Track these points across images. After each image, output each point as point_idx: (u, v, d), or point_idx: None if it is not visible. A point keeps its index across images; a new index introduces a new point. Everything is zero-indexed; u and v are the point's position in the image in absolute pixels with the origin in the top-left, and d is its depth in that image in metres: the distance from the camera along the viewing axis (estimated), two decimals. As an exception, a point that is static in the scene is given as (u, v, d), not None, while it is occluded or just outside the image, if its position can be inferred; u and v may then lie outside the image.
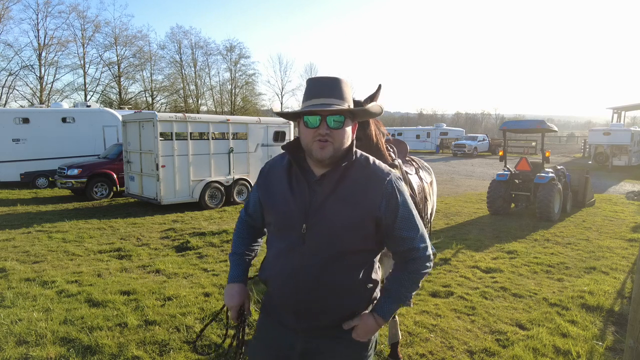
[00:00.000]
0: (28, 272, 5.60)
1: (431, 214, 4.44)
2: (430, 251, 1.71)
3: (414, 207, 1.70)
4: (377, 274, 1.74)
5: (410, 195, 3.58)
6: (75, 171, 11.81)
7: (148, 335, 3.84)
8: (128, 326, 4.00)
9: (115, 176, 12.27)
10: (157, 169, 9.96)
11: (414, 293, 1.72)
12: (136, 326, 4.02)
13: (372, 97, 2.67)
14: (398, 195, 1.63)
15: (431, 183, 4.57)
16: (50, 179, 14.13)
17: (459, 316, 4.39)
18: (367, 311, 1.68)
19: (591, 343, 3.81)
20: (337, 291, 1.60)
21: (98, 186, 12.15)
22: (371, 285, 1.69)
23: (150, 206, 10.67)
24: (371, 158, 1.70)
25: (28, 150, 14.14)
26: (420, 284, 1.72)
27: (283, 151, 1.76)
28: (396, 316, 3.52)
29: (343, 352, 1.67)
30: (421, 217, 3.72)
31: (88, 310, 4.38)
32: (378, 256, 1.75)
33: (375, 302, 1.70)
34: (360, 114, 1.70)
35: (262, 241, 1.98)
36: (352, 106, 1.64)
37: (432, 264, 1.72)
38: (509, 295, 4.99)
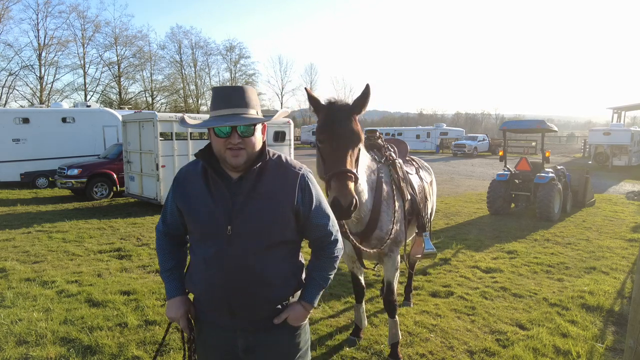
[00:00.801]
0: (28, 272, 5.60)
1: (431, 214, 4.44)
2: (339, 235, 1.86)
3: (323, 195, 1.83)
4: (302, 261, 1.85)
5: (411, 195, 3.57)
6: (75, 171, 11.81)
7: (148, 335, 3.84)
8: (128, 326, 4.00)
9: (115, 176, 12.26)
10: (157, 169, 9.96)
11: (332, 274, 1.86)
12: (136, 326, 4.02)
13: (361, 104, 2.58)
14: (311, 187, 1.75)
15: (431, 183, 4.56)
16: (50, 179, 14.12)
17: (459, 316, 4.39)
18: (294, 300, 1.80)
19: (591, 343, 3.81)
20: (269, 284, 1.69)
21: (98, 186, 12.14)
22: (298, 272, 1.81)
23: (150, 206, 10.67)
24: (283, 156, 1.80)
25: (28, 150, 14.13)
26: (336, 265, 1.86)
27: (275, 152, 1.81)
28: (396, 316, 3.53)
29: (281, 340, 1.77)
30: (421, 216, 3.72)
31: (88, 310, 4.38)
32: (301, 245, 1.87)
33: (300, 289, 1.82)
34: (265, 121, 1.74)
35: (186, 249, 1.96)
36: (259, 111, 1.71)
37: (342, 247, 1.88)
38: (509, 295, 4.99)
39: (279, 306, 1.75)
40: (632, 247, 7.17)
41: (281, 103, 54.54)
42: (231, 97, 1.65)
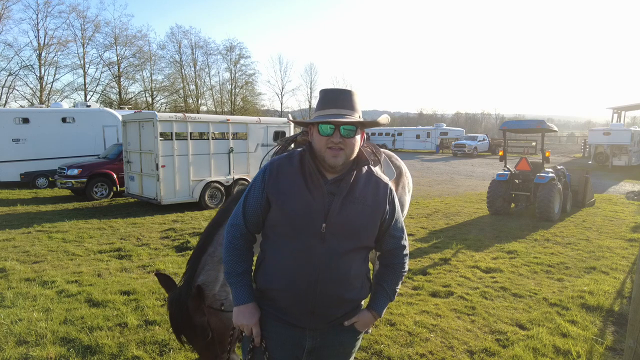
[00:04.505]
0: (28, 272, 5.60)
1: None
2: (408, 250, 1.94)
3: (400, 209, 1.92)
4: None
5: None
6: (75, 171, 11.81)
7: (148, 335, 3.84)
8: (128, 326, 4.01)
9: (115, 176, 12.27)
10: (157, 169, 9.96)
11: (399, 287, 1.93)
12: (136, 326, 4.02)
13: None
14: (396, 201, 1.87)
15: (398, 186, 3.75)
16: (50, 179, 14.13)
17: (459, 316, 4.39)
18: (363, 308, 1.87)
19: (591, 343, 3.81)
20: (352, 285, 1.76)
21: (98, 186, 12.14)
22: (369, 276, 1.90)
23: (150, 206, 10.67)
24: (373, 168, 1.88)
25: (28, 150, 14.13)
26: (403, 279, 1.93)
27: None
28: None
29: (345, 342, 1.84)
30: None
31: (88, 310, 4.38)
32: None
33: (370, 298, 1.89)
34: (370, 125, 1.82)
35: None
36: (361, 116, 1.75)
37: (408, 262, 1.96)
38: (509, 295, 4.99)
39: (354, 307, 1.81)
40: (632, 247, 7.17)
41: (281, 103, 54.56)
42: (338, 98, 1.72)
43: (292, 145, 2.70)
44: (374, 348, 3.69)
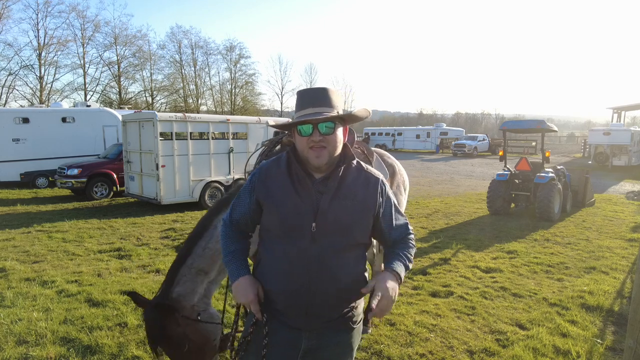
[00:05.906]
0: (28, 272, 5.60)
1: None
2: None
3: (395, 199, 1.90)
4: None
5: None
6: (75, 171, 11.82)
7: (148, 335, 3.83)
8: (128, 326, 4.01)
9: (115, 176, 12.27)
10: (157, 168, 9.96)
11: (411, 264, 1.81)
12: (136, 326, 4.02)
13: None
14: (389, 193, 1.84)
15: (392, 185, 3.79)
16: (50, 179, 14.13)
17: (459, 316, 4.39)
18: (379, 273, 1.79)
19: (591, 343, 3.81)
20: (348, 284, 1.72)
21: (98, 186, 12.15)
22: (366, 274, 1.84)
23: (150, 206, 10.67)
24: (362, 162, 1.86)
25: (28, 150, 14.13)
26: (414, 252, 1.86)
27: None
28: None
29: (342, 342, 1.80)
30: None
31: (88, 310, 4.38)
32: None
33: (385, 262, 1.81)
34: (349, 119, 1.79)
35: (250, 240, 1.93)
36: (341, 112, 1.73)
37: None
38: (509, 295, 4.99)
39: (351, 308, 1.78)
40: (632, 247, 7.17)
41: (281, 103, 54.56)
42: (314, 97, 1.72)
43: (279, 147, 2.68)
44: (373, 348, 3.69)
